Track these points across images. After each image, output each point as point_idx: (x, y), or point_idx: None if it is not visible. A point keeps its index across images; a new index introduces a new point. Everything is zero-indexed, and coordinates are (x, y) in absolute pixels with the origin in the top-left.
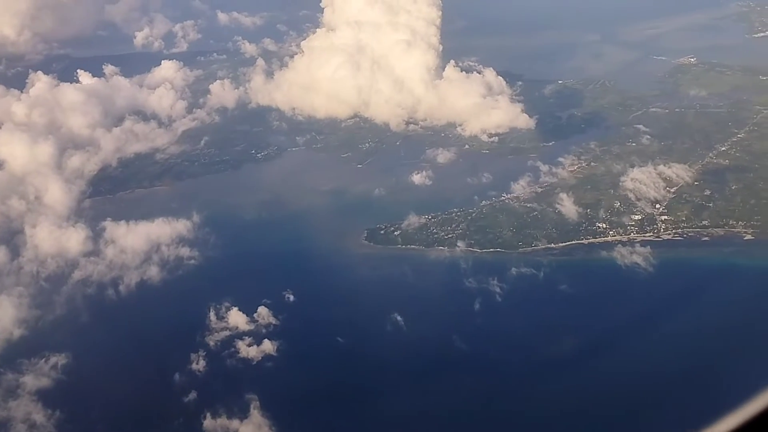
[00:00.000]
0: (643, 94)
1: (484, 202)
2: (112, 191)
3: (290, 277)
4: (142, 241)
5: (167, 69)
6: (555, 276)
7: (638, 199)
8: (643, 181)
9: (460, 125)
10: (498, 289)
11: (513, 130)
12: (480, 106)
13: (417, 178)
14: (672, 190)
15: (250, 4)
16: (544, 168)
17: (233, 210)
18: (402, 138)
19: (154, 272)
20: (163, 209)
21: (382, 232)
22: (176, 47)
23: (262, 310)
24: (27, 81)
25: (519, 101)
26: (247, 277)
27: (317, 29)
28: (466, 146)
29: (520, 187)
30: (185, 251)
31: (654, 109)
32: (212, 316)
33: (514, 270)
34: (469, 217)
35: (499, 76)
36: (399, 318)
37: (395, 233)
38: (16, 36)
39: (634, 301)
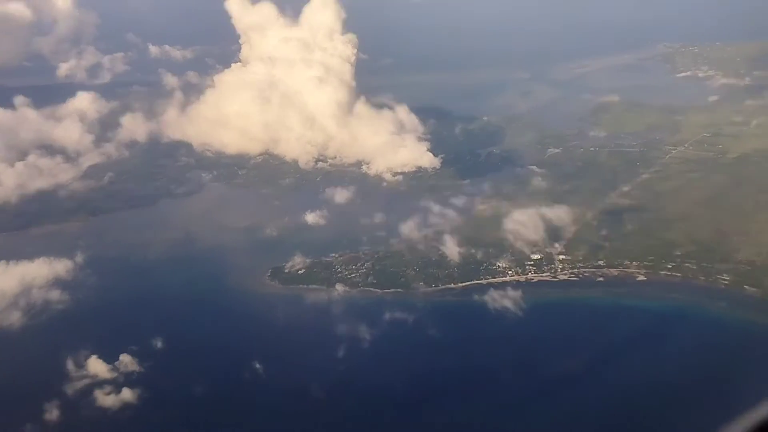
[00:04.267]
0: (562, 133)
1: (392, 239)
2: (17, 228)
3: (167, 322)
4: (13, 283)
5: (82, 100)
6: (426, 320)
7: (516, 240)
8: (526, 223)
9: (366, 163)
10: (367, 336)
11: (419, 168)
12: (386, 144)
13: (321, 217)
14: (572, 229)
15: (183, 37)
16: (454, 206)
17: (134, 249)
18: (322, 174)
19: (15, 318)
20: (59, 248)
21: (287, 271)
22: (99, 79)
23: (125, 358)
24: None
25: (426, 140)
26: (117, 322)
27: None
28: (384, 183)
29: (424, 227)
30: (56, 294)
31: (569, 148)
32: (71, 364)
33: (387, 314)
34: (376, 256)
35: (412, 113)
36: (259, 366)
37: (300, 272)
38: None
39: (506, 345)
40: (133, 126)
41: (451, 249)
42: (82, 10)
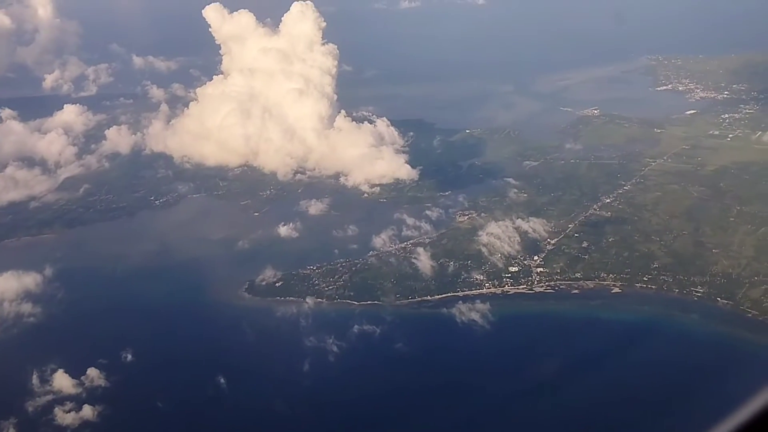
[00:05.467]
0: (543, 145)
1: (371, 252)
2: None
3: (139, 335)
4: None
5: (69, 113)
6: (394, 333)
7: (495, 252)
8: (505, 235)
9: (345, 175)
10: (335, 348)
11: (397, 180)
12: (364, 156)
13: (299, 228)
14: (552, 241)
15: (168, 48)
16: (432, 218)
17: (110, 261)
18: (303, 186)
19: None
20: (34, 260)
21: (264, 283)
22: (85, 91)
23: (92, 372)
24: None
25: (406, 152)
26: (88, 335)
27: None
28: (365, 195)
29: (401, 239)
30: (27, 307)
31: (550, 160)
32: (35, 379)
33: (363, 327)
34: (353, 268)
35: (391, 126)
36: (223, 381)
37: (277, 284)
38: None
39: (477, 358)
40: (117, 138)
41: (429, 261)
42: (64, 20)
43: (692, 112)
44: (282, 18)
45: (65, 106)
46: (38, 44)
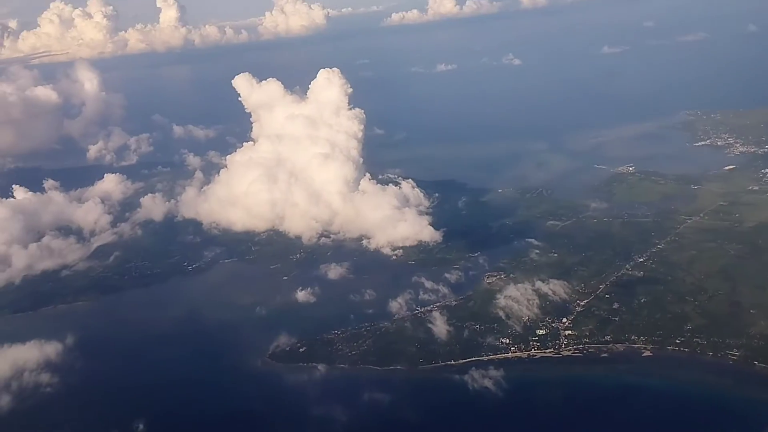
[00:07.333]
0: (576, 204)
1: (396, 316)
2: (29, 308)
3: (153, 405)
4: (6, 367)
5: (109, 182)
6: (405, 401)
7: (522, 315)
8: (532, 297)
9: (368, 238)
10: (344, 418)
11: (420, 243)
12: (387, 219)
13: (323, 293)
14: (582, 303)
15: (207, 117)
16: (457, 281)
17: (133, 328)
18: (332, 249)
19: (4, 402)
20: (63, 328)
21: (288, 348)
22: (126, 160)
23: None
24: None
25: (429, 213)
26: (103, 405)
27: None
28: (392, 258)
29: (424, 303)
30: (46, 377)
31: (582, 219)
32: None
33: (366, 395)
34: (378, 333)
35: (416, 188)
36: None
37: (301, 350)
38: None
39: (492, 425)
40: (151, 206)
41: (448, 326)
42: (109, 92)
43: (731, 167)
44: (309, 85)
45: (106, 175)
46: (84, 117)
